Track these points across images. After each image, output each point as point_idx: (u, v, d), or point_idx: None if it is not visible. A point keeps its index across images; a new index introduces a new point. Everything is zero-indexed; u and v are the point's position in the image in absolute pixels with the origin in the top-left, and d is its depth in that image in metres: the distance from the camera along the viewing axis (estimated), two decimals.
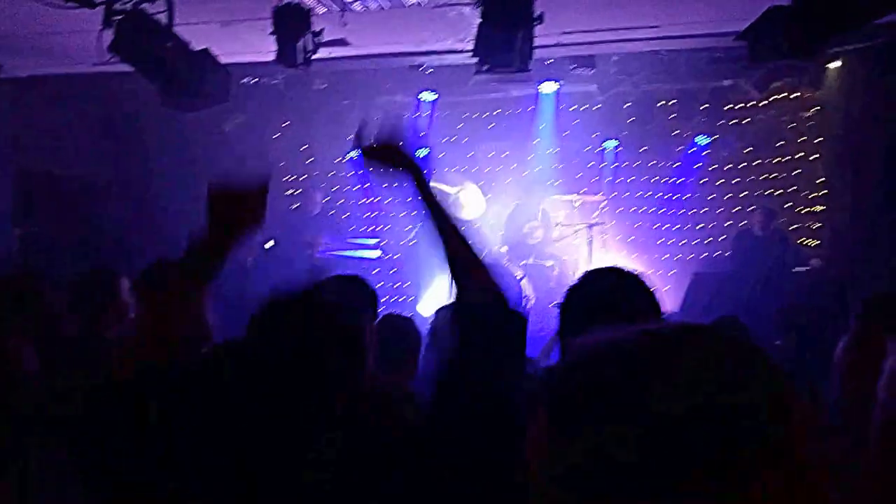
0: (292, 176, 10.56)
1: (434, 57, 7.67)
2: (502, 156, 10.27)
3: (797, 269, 8.32)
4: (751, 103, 9.57)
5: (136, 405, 1.63)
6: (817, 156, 9.54)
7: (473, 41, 6.24)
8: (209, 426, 1.56)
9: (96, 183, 9.00)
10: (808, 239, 9.34)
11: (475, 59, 6.46)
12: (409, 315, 3.95)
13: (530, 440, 0.81)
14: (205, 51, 6.25)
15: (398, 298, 8.82)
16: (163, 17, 6.00)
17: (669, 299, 8.74)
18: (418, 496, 1.53)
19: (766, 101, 9.41)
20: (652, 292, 1.93)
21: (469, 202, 9.05)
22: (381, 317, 3.59)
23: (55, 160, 8.41)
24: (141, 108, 8.22)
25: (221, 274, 1.96)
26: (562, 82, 8.93)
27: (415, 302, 8.70)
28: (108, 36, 5.80)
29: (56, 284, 3.85)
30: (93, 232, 8.10)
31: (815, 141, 9.53)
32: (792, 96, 9.49)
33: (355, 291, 3.26)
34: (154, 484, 1.60)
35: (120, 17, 5.85)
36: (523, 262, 8.27)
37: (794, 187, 9.61)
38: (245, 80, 7.41)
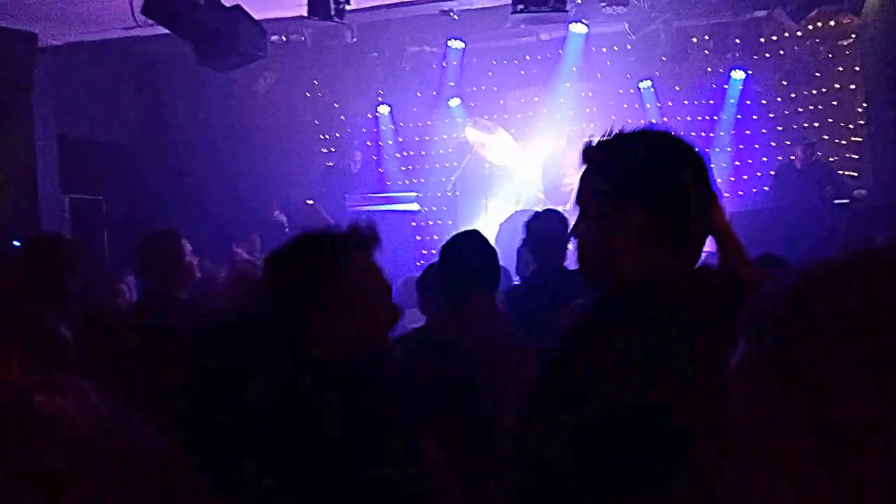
0: (326, 134, 10.86)
1: (464, 1, 7.84)
2: (534, 100, 10.42)
3: (839, 200, 8.36)
4: (786, 34, 9.60)
5: None
6: (854, 86, 9.60)
7: None
8: None
9: (136, 147, 9.30)
10: (847, 171, 9.43)
11: (508, 1, 6.64)
12: None
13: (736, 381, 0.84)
14: (237, 7, 6.39)
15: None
16: None
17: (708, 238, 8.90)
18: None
19: (801, 32, 9.39)
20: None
21: (501, 149, 9.20)
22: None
23: (96, 126, 8.68)
24: (175, 70, 8.44)
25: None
26: (592, 22, 8.99)
27: None
28: None
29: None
30: (136, 196, 8.40)
31: (854, 70, 9.60)
32: (829, 24, 9.55)
33: None
34: None
35: None
36: (561, 207, 8.42)
37: (832, 119, 9.71)
38: (274, 37, 7.54)
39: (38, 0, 6.43)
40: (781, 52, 9.85)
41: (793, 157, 8.85)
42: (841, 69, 9.74)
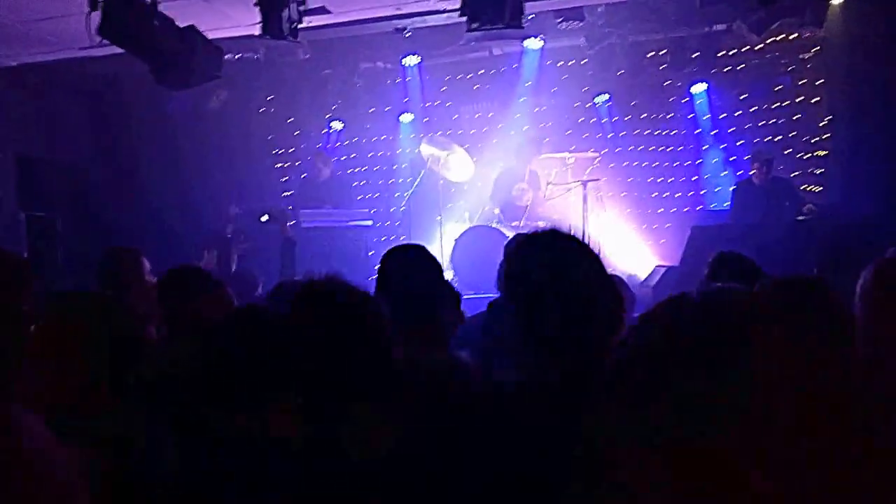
0: (280, 149, 11.73)
1: (417, 19, 8.55)
2: (488, 116, 11.26)
3: (801, 217, 8.84)
4: (746, 48, 10.35)
5: None
6: (817, 99, 10.36)
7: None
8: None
9: (92, 165, 10.12)
10: (812, 185, 10.17)
11: (462, 18, 7.20)
12: None
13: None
14: (191, 27, 7.21)
15: None
16: None
17: (667, 253, 9.69)
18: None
19: (761, 45, 10.10)
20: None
21: (457, 166, 9.91)
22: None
23: (52, 145, 9.52)
24: (130, 89, 9.23)
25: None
26: (547, 37, 9.80)
27: None
28: (96, 18, 6.65)
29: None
30: (92, 214, 9.21)
31: (817, 83, 10.34)
32: (791, 38, 10.20)
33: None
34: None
35: None
36: (515, 223, 9.20)
37: (794, 133, 10.44)
38: (227, 55, 8.30)
39: None
40: (741, 66, 10.60)
41: (752, 173, 9.29)
42: (803, 82, 10.45)
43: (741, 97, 10.73)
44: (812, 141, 10.42)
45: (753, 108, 10.70)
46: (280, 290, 4.00)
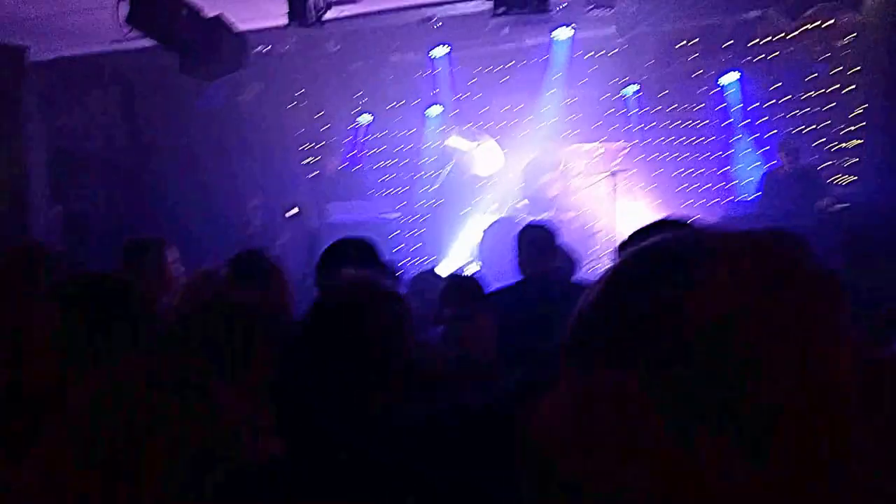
0: (310, 142, 11.75)
1: (446, 7, 8.55)
2: (517, 108, 11.19)
3: (836, 206, 8.70)
4: (779, 36, 10.19)
5: None
6: (853, 87, 10.14)
7: None
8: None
9: (125, 157, 10.24)
10: (844, 176, 10.01)
11: (489, 4, 7.25)
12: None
13: None
14: (218, 17, 7.23)
15: (418, 260, 9.88)
16: None
17: None
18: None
19: (796, 33, 9.98)
20: None
21: (486, 157, 9.92)
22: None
23: (86, 138, 9.64)
24: (163, 81, 9.32)
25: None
26: (578, 27, 9.70)
27: (435, 263, 9.70)
28: (125, 9, 6.70)
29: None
30: (125, 206, 9.33)
31: (851, 72, 10.12)
32: (825, 24, 10.02)
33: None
34: None
35: None
36: (544, 214, 9.15)
37: (829, 121, 10.26)
38: (258, 48, 8.32)
39: (26, 16, 7.32)
40: (774, 55, 10.42)
41: (779, 163, 9.31)
42: (837, 70, 10.22)
43: (773, 86, 10.53)
44: (846, 131, 10.23)
45: (786, 98, 10.49)
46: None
